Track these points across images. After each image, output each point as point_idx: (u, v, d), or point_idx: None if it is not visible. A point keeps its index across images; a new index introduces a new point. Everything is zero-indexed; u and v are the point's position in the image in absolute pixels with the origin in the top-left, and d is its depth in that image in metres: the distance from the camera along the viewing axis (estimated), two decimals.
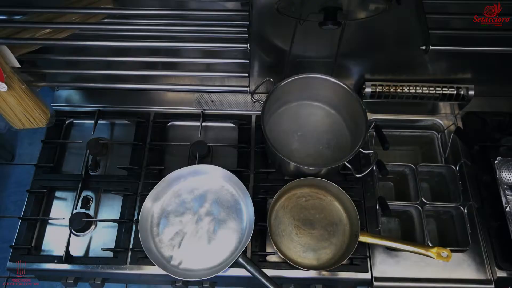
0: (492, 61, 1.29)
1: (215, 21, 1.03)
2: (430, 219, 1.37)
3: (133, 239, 1.23)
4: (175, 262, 1.15)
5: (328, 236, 1.21)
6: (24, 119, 1.17)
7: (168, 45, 1.08)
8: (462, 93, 1.35)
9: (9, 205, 2.26)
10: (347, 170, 1.23)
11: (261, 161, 1.35)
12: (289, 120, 1.38)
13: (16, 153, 2.41)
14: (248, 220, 1.20)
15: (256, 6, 1.07)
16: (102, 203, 1.33)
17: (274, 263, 1.21)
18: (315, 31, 1.04)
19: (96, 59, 1.18)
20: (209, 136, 1.44)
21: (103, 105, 1.47)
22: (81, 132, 1.45)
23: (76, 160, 1.39)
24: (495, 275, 1.19)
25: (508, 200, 1.27)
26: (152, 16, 1.07)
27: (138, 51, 1.24)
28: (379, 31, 1.18)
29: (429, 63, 1.32)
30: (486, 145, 1.35)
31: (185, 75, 1.45)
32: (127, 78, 1.32)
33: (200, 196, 1.25)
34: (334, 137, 1.35)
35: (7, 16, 1.06)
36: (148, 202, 1.22)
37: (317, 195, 1.28)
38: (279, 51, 1.28)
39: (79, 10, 1.05)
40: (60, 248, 1.21)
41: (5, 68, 1.02)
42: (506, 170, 1.33)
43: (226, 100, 1.50)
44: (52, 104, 1.48)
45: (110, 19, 1.09)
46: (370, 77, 1.39)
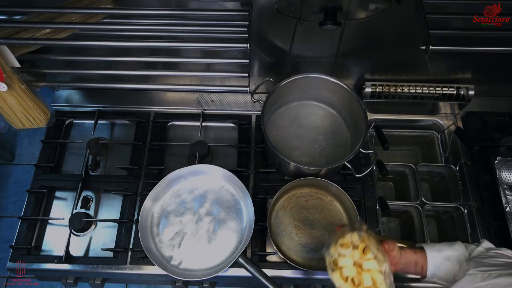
0: (492, 61, 1.29)
1: (215, 21, 1.03)
2: (430, 219, 1.37)
3: (133, 239, 1.23)
4: (175, 262, 1.15)
5: (328, 236, 1.21)
6: (24, 119, 1.17)
7: (168, 45, 1.08)
8: (462, 93, 1.35)
9: (9, 205, 2.26)
10: (347, 170, 1.23)
11: (261, 161, 1.35)
12: (289, 120, 1.38)
13: (16, 153, 2.41)
14: (248, 220, 1.20)
15: (256, 6, 1.07)
16: (102, 203, 1.33)
17: (274, 263, 1.21)
18: (315, 31, 1.04)
19: (96, 59, 1.18)
20: (209, 136, 1.44)
21: (103, 105, 1.47)
22: (81, 132, 1.45)
23: (76, 160, 1.40)
24: None
25: (508, 200, 1.27)
26: (152, 16, 1.07)
27: (138, 51, 1.24)
28: (379, 31, 1.18)
29: (429, 63, 1.32)
30: (486, 145, 1.35)
31: (185, 75, 1.45)
32: (127, 78, 1.32)
33: (200, 196, 1.25)
34: (334, 137, 1.35)
35: (7, 16, 1.06)
36: (148, 202, 1.22)
37: (317, 195, 1.28)
38: (279, 51, 1.28)
39: (79, 10, 1.05)
40: (60, 248, 1.21)
41: (5, 68, 1.02)
42: (506, 170, 1.33)
43: (226, 100, 1.50)
44: (52, 104, 1.48)
45: (110, 19, 1.09)
46: (370, 77, 1.39)
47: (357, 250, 0.82)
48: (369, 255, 0.81)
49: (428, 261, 0.88)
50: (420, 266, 0.89)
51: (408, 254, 0.90)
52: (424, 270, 0.89)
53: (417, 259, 0.89)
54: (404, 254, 0.89)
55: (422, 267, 0.89)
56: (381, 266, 0.82)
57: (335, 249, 0.84)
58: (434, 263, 0.88)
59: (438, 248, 0.90)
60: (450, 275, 0.87)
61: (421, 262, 0.89)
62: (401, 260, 0.89)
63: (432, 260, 0.88)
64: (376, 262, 0.81)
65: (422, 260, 0.89)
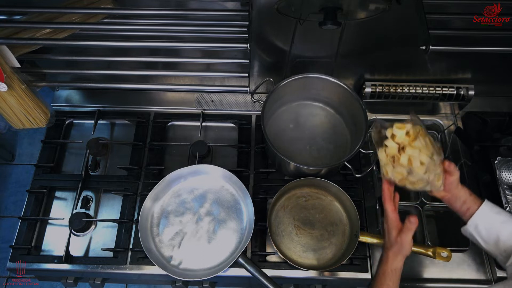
0: (492, 61, 1.29)
1: (215, 21, 1.03)
2: (430, 219, 1.37)
3: (133, 239, 1.23)
4: (175, 262, 1.15)
5: (328, 236, 1.22)
6: (24, 119, 1.17)
7: (168, 45, 1.08)
8: (462, 93, 1.35)
9: (9, 205, 2.26)
10: (347, 170, 1.23)
11: (261, 161, 1.35)
12: (289, 120, 1.38)
13: (16, 153, 2.41)
14: (248, 220, 1.20)
15: (256, 6, 1.07)
16: (102, 203, 1.33)
17: (274, 263, 1.21)
18: (315, 31, 1.04)
19: (96, 59, 1.18)
20: (209, 136, 1.44)
21: (103, 105, 1.47)
22: (81, 132, 1.45)
23: (76, 160, 1.40)
24: (495, 275, 1.19)
25: (508, 200, 1.27)
26: (152, 16, 1.07)
27: (138, 51, 1.24)
28: (379, 31, 1.18)
29: (429, 63, 1.32)
30: (486, 145, 1.35)
31: (185, 75, 1.45)
32: (127, 78, 1.32)
33: (200, 196, 1.25)
34: (334, 137, 1.35)
35: (7, 16, 1.06)
36: (148, 202, 1.22)
37: (317, 195, 1.28)
38: (279, 51, 1.28)
39: (79, 10, 1.05)
40: (60, 248, 1.21)
41: (5, 68, 1.02)
42: (506, 170, 1.33)
43: (226, 100, 1.50)
44: (52, 104, 1.48)
45: (110, 19, 1.09)
46: (370, 77, 1.39)
47: (408, 136, 0.86)
48: (416, 143, 0.85)
49: (478, 211, 0.87)
50: (466, 207, 0.89)
51: (462, 191, 0.90)
52: (468, 213, 0.88)
53: (467, 200, 0.89)
54: (459, 187, 0.89)
55: (468, 208, 0.88)
56: (424, 157, 0.84)
57: (391, 130, 0.88)
58: (483, 216, 0.87)
59: (498, 210, 0.88)
60: (491, 238, 0.86)
61: (470, 205, 0.89)
62: (455, 190, 0.89)
63: (484, 213, 0.87)
64: (419, 152, 0.84)
65: (472, 205, 0.89)
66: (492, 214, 0.87)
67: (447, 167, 0.88)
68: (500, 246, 0.85)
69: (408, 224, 0.86)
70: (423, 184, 0.87)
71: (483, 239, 0.87)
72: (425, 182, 0.87)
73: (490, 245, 0.86)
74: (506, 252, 0.84)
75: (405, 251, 0.88)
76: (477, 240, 0.89)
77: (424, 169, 0.84)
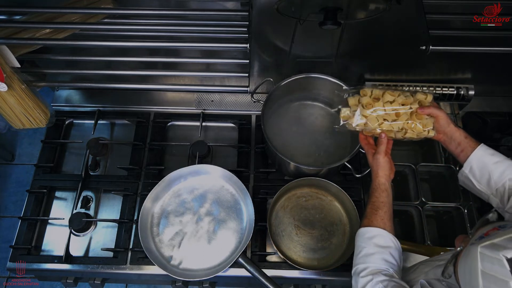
0: (492, 61, 1.29)
1: (215, 21, 1.03)
2: (430, 219, 1.37)
3: (133, 239, 1.23)
4: (175, 262, 1.15)
5: (328, 236, 1.22)
6: (24, 119, 1.17)
7: (168, 45, 1.09)
8: (462, 93, 1.35)
9: (9, 205, 2.26)
10: (347, 170, 1.23)
11: (261, 161, 1.35)
12: (289, 120, 1.38)
13: (16, 153, 2.41)
14: (248, 220, 1.20)
15: (256, 6, 1.07)
16: (102, 203, 1.33)
17: (274, 263, 1.21)
18: (315, 31, 1.04)
19: (96, 59, 1.18)
20: (209, 136, 1.44)
21: (103, 105, 1.47)
22: (81, 132, 1.45)
23: (76, 160, 1.40)
24: None
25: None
26: (152, 16, 1.07)
27: (138, 51, 1.24)
28: (379, 31, 1.17)
29: (429, 63, 1.32)
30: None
31: (185, 75, 1.45)
32: (127, 78, 1.32)
33: (200, 196, 1.25)
34: (334, 137, 1.35)
35: (7, 16, 1.06)
36: (148, 202, 1.22)
37: (317, 195, 1.28)
38: (279, 51, 1.27)
39: (79, 10, 1.05)
40: (60, 248, 1.21)
41: (5, 68, 1.02)
42: None
43: (226, 100, 1.50)
44: (52, 104, 1.48)
45: (110, 19, 1.09)
46: (370, 77, 1.39)
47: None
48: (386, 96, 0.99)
49: (474, 152, 0.90)
50: (461, 149, 0.92)
51: (458, 132, 0.93)
52: (462, 155, 0.92)
53: (462, 142, 0.92)
54: (452, 129, 0.94)
55: (463, 150, 0.92)
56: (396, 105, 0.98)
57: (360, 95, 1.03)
58: (478, 156, 0.90)
59: (493, 152, 0.90)
60: (484, 178, 0.89)
61: (465, 147, 0.92)
62: (447, 129, 0.94)
63: (479, 154, 0.90)
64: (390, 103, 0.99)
65: (466, 146, 0.91)
66: (486, 155, 0.90)
67: (431, 112, 0.95)
68: (492, 186, 0.88)
69: (379, 140, 0.97)
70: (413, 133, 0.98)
71: (476, 179, 0.90)
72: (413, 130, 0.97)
73: (483, 184, 0.89)
74: (497, 192, 0.87)
75: (382, 167, 0.94)
76: (471, 181, 0.91)
77: (404, 117, 0.96)
